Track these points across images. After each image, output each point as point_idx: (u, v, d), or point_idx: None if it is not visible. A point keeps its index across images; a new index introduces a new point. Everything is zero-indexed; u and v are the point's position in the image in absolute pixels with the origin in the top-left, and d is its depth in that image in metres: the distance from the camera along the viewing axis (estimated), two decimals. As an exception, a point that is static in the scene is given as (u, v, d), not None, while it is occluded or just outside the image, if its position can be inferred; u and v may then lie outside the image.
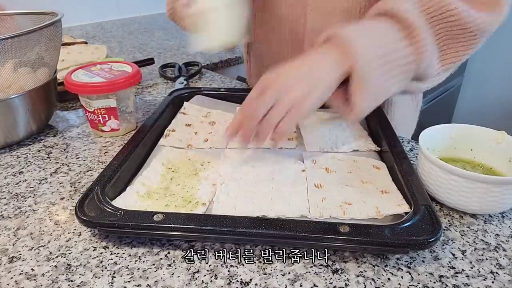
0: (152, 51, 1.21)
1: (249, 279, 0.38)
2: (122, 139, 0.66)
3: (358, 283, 0.38)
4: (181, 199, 0.47)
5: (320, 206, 0.45)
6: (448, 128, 0.53)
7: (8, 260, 0.41)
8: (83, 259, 0.41)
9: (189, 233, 0.41)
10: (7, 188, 0.53)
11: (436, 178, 0.46)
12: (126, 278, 0.38)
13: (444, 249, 0.42)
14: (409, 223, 0.39)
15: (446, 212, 0.47)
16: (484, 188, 0.43)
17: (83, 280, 0.38)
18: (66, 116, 0.76)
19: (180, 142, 0.60)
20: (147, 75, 0.97)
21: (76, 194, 0.52)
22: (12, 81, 0.60)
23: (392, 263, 0.40)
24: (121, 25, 1.59)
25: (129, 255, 0.41)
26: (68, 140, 0.66)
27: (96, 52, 1.03)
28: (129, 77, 0.64)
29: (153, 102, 0.81)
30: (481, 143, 0.52)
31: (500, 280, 0.38)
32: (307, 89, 0.47)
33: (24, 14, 0.74)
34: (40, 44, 0.63)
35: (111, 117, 0.64)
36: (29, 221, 0.47)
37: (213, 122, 0.66)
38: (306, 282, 0.38)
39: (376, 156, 0.57)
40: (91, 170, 0.57)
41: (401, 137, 0.63)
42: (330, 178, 0.51)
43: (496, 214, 0.47)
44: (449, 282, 0.38)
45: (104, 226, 0.41)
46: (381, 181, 0.50)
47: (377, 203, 0.45)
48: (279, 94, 0.47)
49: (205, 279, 0.38)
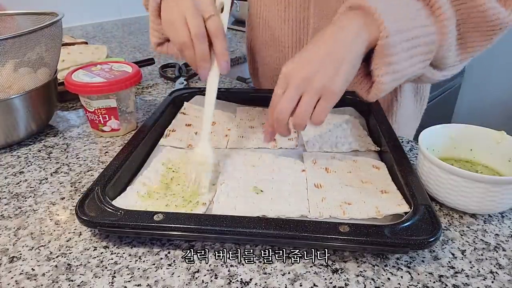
0: (152, 51, 1.21)
1: (249, 279, 0.38)
2: (122, 139, 0.66)
3: (358, 283, 0.38)
4: (181, 199, 0.47)
5: (320, 206, 0.45)
6: (448, 128, 0.53)
7: (8, 260, 0.41)
8: (84, 259, 0.41)
9: (189, 233, 0.41)
10: (8, 188, 0.53)
11: (435, 178, 0.46)
12: (126, 278, 0.39)
13: (443, 249, 0.42)
14: (408, 223, 0.39)
15: (445, 212, 0.47)
16: (483, 188, 0.43)
17: (83, 280, 0.38)
18: (67, 116, 0.76)
19: (180, 142, 0.60)
20: (147, 75, 0.97)
21: (76, 194, 0.52)
22: (12, 81, 0.60)
23: (392, 263, 0.40)
24: (121, 25, 1.59)
25: (129, 255, 0.41)
26: (68, 140, 0.66)
27: (97, 52, 1.03)
28: (129, 77, 0.64)
29: (153, 102, 0.81)
30: (481, 143, 0.52)
31: (499, 280, 0.38)
32: (332, 71, 0.44)
33: (24, 14, 0.74)
34: (41, 44, 0.63)
35: (112, 117, 0.64)
36: (30, 221, 0.47)
37: (213, 122, 0.66)
38: (306, 282, 0.38)
39: (376, 156, 0.57)
40: (91, 170, 0.57)
41: (401, 137, 0.63)
42: (330, 178, 0.51)
43: (495, 214, 0.47)
44: (448, 282, 0.38)
45: (105, 226, 0.41)
46: (381, 181, 0.50)
47: (377, 203, 0.45)
48: (303, 84, 0.44)
49: (205, 279, 0.38)
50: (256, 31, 0.76)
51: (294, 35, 0.70)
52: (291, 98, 0.45)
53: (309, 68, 0.44)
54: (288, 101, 0.45)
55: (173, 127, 0.63)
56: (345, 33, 0.45)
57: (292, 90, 0.45)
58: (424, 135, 0.50)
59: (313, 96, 0.44)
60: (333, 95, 0.44)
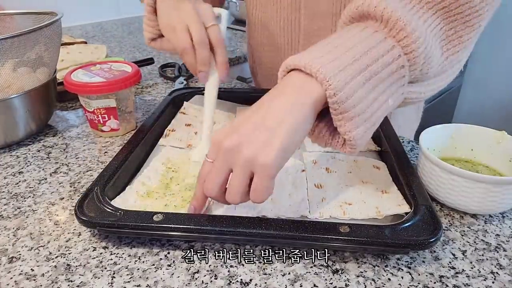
0: (151, 51, 1.21)
1: (249, 279, 0.38)
2: (121, 139, 0.66)
3: (358, 283, 0.37)
4: (180, 199, 0.47)
5: (320, 206, 0.45)
6: (449, 128, 0.52)
7: (7, 260, 0.41)
8: (83, 259, 0.41)
9: (189, 233, 0.40)
10: (7, 188, 0.53)
11: (436, 178, 0.46)
12: (125, 278, 0.38)
13: (444, 249, 0.42)
14: (409, 223, 0.39)
15: (446, 212, 0.47)
16: (484, 188, 0.43)
17: (82, 281, 0.38)
18: (66, 116, 0.75)
19: (180, 142, 0.60)
20: (147, 75, 0.97)
21: (75, 194, 0.52)
22: (11, 81, 0.60)
23: (392, 263, 0.40)
24: (120, 25, 1.59)
25: (129, 255, 0.41)
26: (67, 140, 0.66)
27: (96, 52, 1.03)
28: (128, 77, 0.63)
29: (153, 102, 0.81)
30: (482, 143, 0.52)
31: (500, 280, 0.38)
32: (263, 140, 0.37)
33: (23, 14, 0.74)
34: (40, 44, 0.62)
35: (111, 117, 0.64)
36: (29, 221, 0.47)
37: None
38: (306, 283, 0.38)
39: (376, 156, 0.57)
40: (90, 170, 0.57)
41: (401, 137, 0.63)
42: (330, 178, 0.51)
43: (496, 214, 0.47)
44: (449, 283, 0.38)
45: (104, 226, 0.41)
46: (381, 181, 0.50)
47: (377, 203, 0.45)
48: (230, 155, 0.38)
49: (205, 279, 0.38)
50: (253, 30, 0.77)
51: (286, 35, 0.70)
52: (219, 171, 0.39)
53: (237, 137, 0.38)
54: (216, 174, 0.40)
55: (173, 127, 0.63)
56: (283, 98, 0.38)
57: (220, 162, 0.39)
58: (425, 135, 0.50)
59: (243, 170, 0.38)
60: (265, 168, 0.37)
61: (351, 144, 0.39)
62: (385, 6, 0.38)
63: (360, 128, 0.38)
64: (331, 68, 0.37)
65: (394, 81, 0.39)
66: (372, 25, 0.40)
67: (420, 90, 0.44)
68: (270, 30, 0.72)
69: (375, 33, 0.39)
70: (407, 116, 0.79)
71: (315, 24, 0.66)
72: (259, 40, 0.77)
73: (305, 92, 0.38)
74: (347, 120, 0.38)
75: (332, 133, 0.41)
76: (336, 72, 0.37)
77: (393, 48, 0.38)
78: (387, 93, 0.39)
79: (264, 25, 0.73)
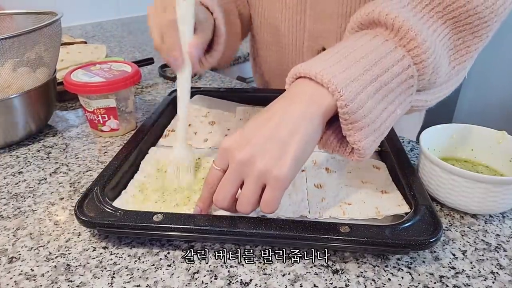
0: (151, 51, 1.21)
1: (249, 280, 0.38)
2: (121, 139, 0.66)
3: (359, 284, 0.37)
4: (174, 201, 0.47)
5: (320, 206, 0.45)
6: (449, 128, 0.52)
7: (7, 260, 0.41)
8: (83, 260, 0.41)
9: (189, 233, 0.40)
10: (7, 188, 0.53)
11: (436, 178, 0.46)
12: (125, 278, 0.38)
13: (444, 249, 0.42)
14: (409, 223, 0.39)
15: (446, 212, 0.47)
16: (484, 188, 0.43)
17: (82, 281, 0.38)
18: (66, 116, 0.75)
19: (179, 142, 0.59)
20: (147, 75, 0.97)
21: (75, 194, 0.52)
22: (11, 81, 0.60)
23: (392, 263, 0.40)
24: (120, 24, 1.59)
25: (129, 255, 0.41)
26: (67, 140, 0.66)
27: (96, 51, 1.03)
28: (128, 77, 0.63)
29: (153, 102, 0.81)
30: (482, 143, 0.52)
31: (500, 281, 0.38)
32: (277, 153, 0.37)
33: (23, 14, 0.73)
34: (40, 44, 0.62)
35: (111, 117, 0.64)
36: (29, 221, 0.47)
37: (212, 122, 0.66)
38: (306, 283, 0.38)
39: (376, 156, 0.57)
40: (90, 170, 0.57)
41: (402, 137, 0.63)
42: (330, 178, 0.51)
43: (496, 214, 0.47)
44: (449, 283, 0.38)
45: (104, 226, 0.41)
46: (381, 181, 0.50)
47: (377, 203, 0.45)
48: (243, 167, 0.38)
49: (205, 280, 0.38)
50: (258, 30, 0.76)
51: (291, 35, 0.70)
52: (231, 183, 0.39)
53: (249, 149, 0.38)
54: (228, 186, 0.39)
55: (173, 127, 0.63)
56: (294, 108, 0.38)
57: (232, 174, 0.39)
58: (425, 135, 0.50)
59: (256, 181, 0.38)
60: (278, 181, 0.37)
61: (359, 153, 0.39)
62: (397, 14, 0.39)
63: (369, 138, 0.38)
64: (342, 78, 0.37)
65: (403, 91, 0.40)
66: (382, 33, 0.40)
67: (426, 98, 0.44)
68: (274, 30, 0.72)
69: (385, 42, 0.39)
70: (411, 120, 0.79)
71: (320, 25, 0.65)
72: (263, 40, 0.76)
73: (316, 102, 0.38)
74: (357, 130, 0.38)
75: (340, 141, 0.41)
76: (347, 82, 0.36)
77: (403, 58, 0.39)
78: (396, 103, 0.40)
79: (269, 24, 0.73)
